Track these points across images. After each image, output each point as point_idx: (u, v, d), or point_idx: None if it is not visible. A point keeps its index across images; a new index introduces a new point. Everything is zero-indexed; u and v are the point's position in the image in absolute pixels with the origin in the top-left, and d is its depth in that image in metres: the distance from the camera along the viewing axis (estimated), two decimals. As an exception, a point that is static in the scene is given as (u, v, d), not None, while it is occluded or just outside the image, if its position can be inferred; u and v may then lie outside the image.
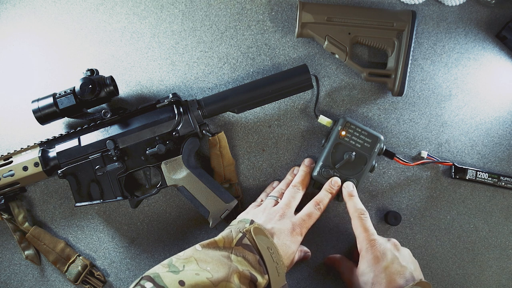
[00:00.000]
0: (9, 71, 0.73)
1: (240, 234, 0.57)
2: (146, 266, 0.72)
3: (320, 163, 0.68)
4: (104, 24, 0.73)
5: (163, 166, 0.66)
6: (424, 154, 0.72)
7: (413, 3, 0.73)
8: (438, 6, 0.74)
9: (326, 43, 0.70)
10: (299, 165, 0.71)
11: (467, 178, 0.72)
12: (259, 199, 0.69)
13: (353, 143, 0.68)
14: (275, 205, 0.64)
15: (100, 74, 0.66)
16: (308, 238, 0.72)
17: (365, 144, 0.68)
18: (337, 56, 0.70)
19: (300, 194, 0.66)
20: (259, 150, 0.73)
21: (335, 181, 0.66)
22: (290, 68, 0.68)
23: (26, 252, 0.71)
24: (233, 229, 0.59)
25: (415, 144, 0.74)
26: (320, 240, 0.73)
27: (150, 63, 0.73)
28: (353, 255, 0.70)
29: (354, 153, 0.67)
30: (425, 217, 0.73)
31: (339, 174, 0.68)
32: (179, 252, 0.71)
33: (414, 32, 0.70)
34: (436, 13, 0.74)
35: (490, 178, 0.72)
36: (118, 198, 0.67)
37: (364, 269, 0.60)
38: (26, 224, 0.70)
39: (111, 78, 0.66)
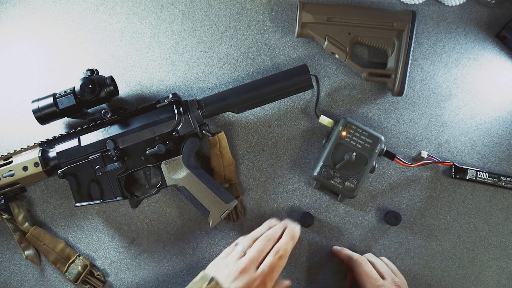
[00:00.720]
0: (9, 71, 0.73)
1: None
2: (146, 266, 0.72)
3: (321, 163, 0.68)
4: (104, 24, 0.73)
5: (163, 166, 0.66)
6: (424, 154, 0.72)
7: (413, 3, 0.73)
8: (438, 6, 0.74)
9: (326, 43, 0.70)
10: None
11: (467, 178, 0.72)
12: (233, 243, 0.64)
13: (354, 143, 0.68)
14: (241, 257, 0.59)
15: (100, 74, 0.66)
16: (308, 238, 0.72)
17: (366, 144, 0.68)
18: (337, 56, 0.70)
19: (267, 247, 0.60)
20: (259, 150, 0.73)
21: (294, 228, 0.62)
22: (290, 68, 0.68)
23: (26, 252, 0.71)
24: (192, 286, 0.57)
25: (415, 144, 0.74)
26: (320, 240, 0.73)
27: (150, 63, 0.73)
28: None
29: (354, 154, 0.67)
30: (425, 217, 0.73)
31: (340, 174, 0.68)
32: (179, 251, 0.71)
33: (414, 32, 0.70)
34: (436, 13, 0.74)
35: (490, 178, 0.72)
36: (118, 198, 0.67)
37: None
38: (26, 224, 0.70)
39: (111, 78, 0.66)
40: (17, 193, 0.69)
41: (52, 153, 0.67)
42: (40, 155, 0.66)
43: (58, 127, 0.72)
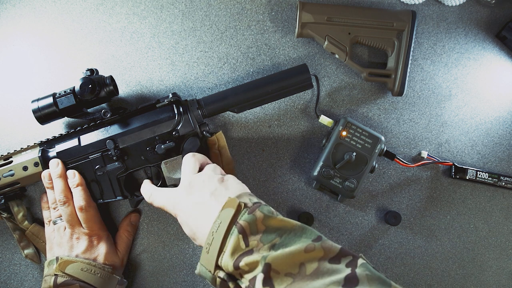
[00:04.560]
0: (9, 71, 0.73)
1: (53, 278, 0.62)
2: (146, 266, 0.72)
3: (321, 163, 0.68)
4: (104, 24, 0.73)
5: (163, 166, 0.66)
6: (424, 154, 0.72)
7: (413, 3, 0.73)
8: (438, 6, 0.74)
9: (326, 43, 0.70)
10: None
11: (467, 178, 0.72)
12: (46, 219, 0.69)
13: (354, 143, 0.68)
14: (65, 229, 0.66)
15: (100, 74, 0.66)
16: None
17: (366, 144, 0.68)
18: (337, 56, 0.70)
19: (71, 207, 0.65)
20: (259, 150, 0.73)
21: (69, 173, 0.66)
22: (290, 68, 0.68)
23: (25, 251, 0.71)
24: (47, 278, 0.63)
25: (415, 144, 0.74)
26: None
27: (150, 63, 0.73)
28: None
29: (354, 154, 0.67)
30: (425, 217, 0.73)
31: (340, 174, 0.68)
32: (179, 251, 0.71)
33: (414, 32, 0.70)
34: (436, 13, 0.74)
35: (490, 178, 0.72)
36: (118, 197, 0.67)
37: None
38: (26, 222, 0.70)
39: (111, 78, 0.66)
40: (17, 193, 0.69)
41: (52, 153, 0.67)
42: (40, 155, 0.66)
43: (58, 127, 0.72)
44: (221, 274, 0.48)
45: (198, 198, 0.55)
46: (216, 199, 0.53)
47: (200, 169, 0.60)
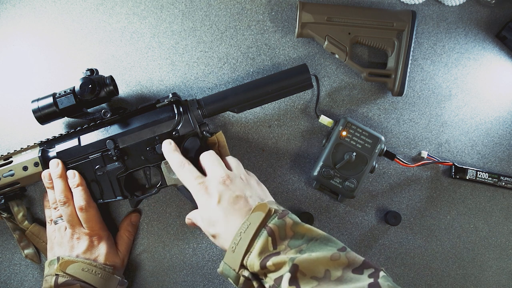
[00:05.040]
0: (9, 71, 0.73)
1: (54, 277, 0.62)
2: (146, 266, 0.72)
3: (321, 163, 0.68)
4: (104, 24, 0.73)
5: (163, 166, 0.66)
6: (424, 154, 0.72)
7: (413, 3, 0.73)
8: (438, 6, 0.74)
9: (326, 43, 0.70)
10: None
11: (467, 178, 0.72)
12: (47, 218, 0.69)
13: (354, 143, 0.68)
14: (65, 229, 0.66)
15: (100, 74, 0.66)
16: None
17: (366, 144, 0.68)
18: (337, 56, 0.70)
19: (71, 207, 0.65)
20: (259, 150, 0.73)
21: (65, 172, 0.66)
22: (290, 68, 0.68)
23: (25, 251, 0.71)
24: (47, 278, 0.63)
25: (415, 144, 0.74)
26: (320, 240, 0.73)
27: (150, 63, 0.73)
28: None
29: (354, 154, 0.67)
30: (425, 217, 0.73)
31: (340, 174, 0.68)
32: (179, 251, 0.71)
33: (414, 32, 0.70)
34: (436, 13, 0.74)
35: (490, 178, 0.72)
36: (118, 197, 0.67)
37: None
38: (26, 222, 0.70)
39: (111, 78, 0.66)
40: (17, 193, 0.69)
41: (52, 153, 0.67)
42: (40, 155, 0.66)
43: (58, 127, 0.72)
44: (246, 273, 0.50)
45: (239, 192, 0.57)
46: (251, 199, 0.56)
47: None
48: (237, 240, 0.51)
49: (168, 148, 0.63)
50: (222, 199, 0.56)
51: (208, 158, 0.61)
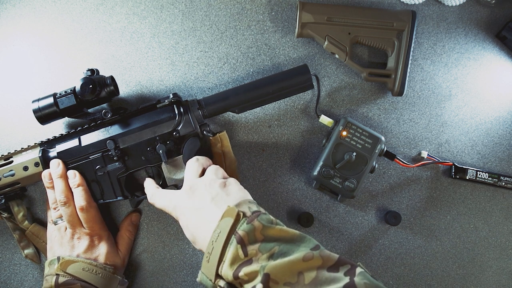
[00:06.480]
0: (9, 71, 0.73)
1: (54, 277, 0.62)
2: (146, 266, 0.72)
3: (321, 163, 0.68)
4: (104, 24, 0.73)
5: (163, 166, 0.66)
6: (424, 154, 0.72)
7: (413, 3, 0.73)
8: (438, 6, 0.74)
9: (326, 43, 0.70)
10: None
11: (467, 178, 0.72)
12: (49, 218, 0.69)
13: (354, 143, 0.68)
14: (66, 229, 0.66)
15: (100, 74, 0.66)
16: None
17: (366, 144, 0.68)
18: (337, 56, 0.70)
19: (71, 207, 0.65)
20: (259, 150, 0.73)
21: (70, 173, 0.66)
22: (291, 68, 0.68)
23: (25, 251, 0.71)
24: (48, 277, 0.63)
25: (415, 144, 0.74)
26: (320, 240, 0.73)
27: (150, 63, 0.73)
28: None
29: (354, 154, 0.67)
30: (425, 217, 0.74)
31: (340, 174, 0.68)
32: (179, 251, 0.71)
33: (414, 32, 0.70)
34: (436, 13, 0.74)
35: (490, 178, 0.72)
36: (118, 198, 0.67)
37: None
38: (26, 222, 0.70)
39: (112, 78, 0.66)
40: (17, 193, 0.69)
41: (53, 153, 0.67)
42: (40, 155, 0.66)
43: (58, 127, 0.72)
44: (222, 283, 0.49)
45: (199, 203, 0.55)
46: (217, 205, 0.53)
47: (203, 172, 0.60)
48: (210, 250, 0.50)
49: (146, 184, 0.65)
50: (185, 213, 0.56)
51: (186, 167, 0.61)
